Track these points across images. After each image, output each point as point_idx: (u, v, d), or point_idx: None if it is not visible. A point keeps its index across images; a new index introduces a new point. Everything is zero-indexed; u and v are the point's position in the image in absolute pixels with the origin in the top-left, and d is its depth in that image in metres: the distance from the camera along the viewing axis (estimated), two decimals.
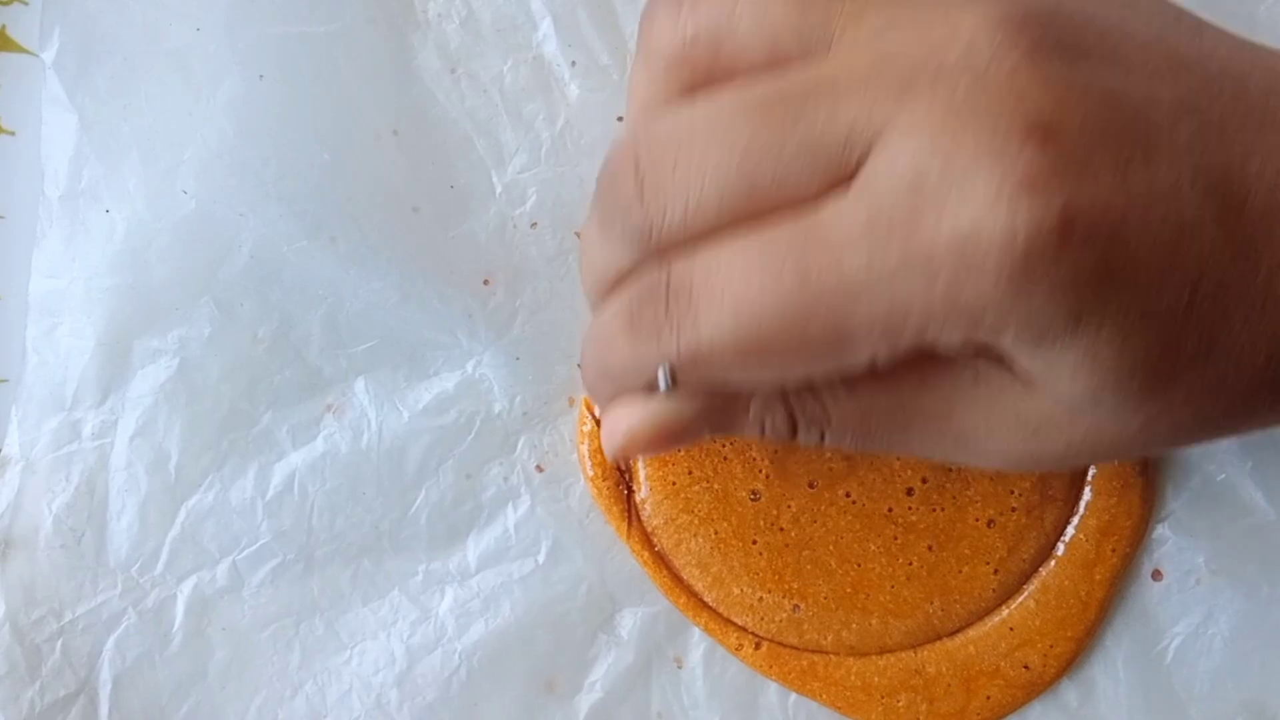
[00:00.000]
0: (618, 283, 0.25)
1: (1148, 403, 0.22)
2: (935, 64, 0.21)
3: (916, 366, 0.24)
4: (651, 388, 0.24)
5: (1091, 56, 0.21)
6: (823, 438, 0.25)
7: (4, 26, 0.34)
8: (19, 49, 0.34)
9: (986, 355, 0.23)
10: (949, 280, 0.20)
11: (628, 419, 0.25)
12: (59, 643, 0.33)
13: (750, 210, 0.22)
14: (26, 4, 0.34)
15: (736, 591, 0.33)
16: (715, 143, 0.22)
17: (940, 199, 0.20)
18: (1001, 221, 0.19)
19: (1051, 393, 0.22)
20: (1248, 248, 0.21)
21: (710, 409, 0.25)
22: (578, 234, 0.34)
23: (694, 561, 0.33)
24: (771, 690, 0.33)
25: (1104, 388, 0.21)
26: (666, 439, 0.25)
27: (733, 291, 0.22)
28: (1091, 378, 0.21)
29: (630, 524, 0.33)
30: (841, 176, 0.21)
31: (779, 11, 0.23)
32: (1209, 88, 0.22)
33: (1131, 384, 0.21)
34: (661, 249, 0.23)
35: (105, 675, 0.33)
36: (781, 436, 0.26)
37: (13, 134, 0.34)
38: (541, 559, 0.33)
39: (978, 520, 0.33)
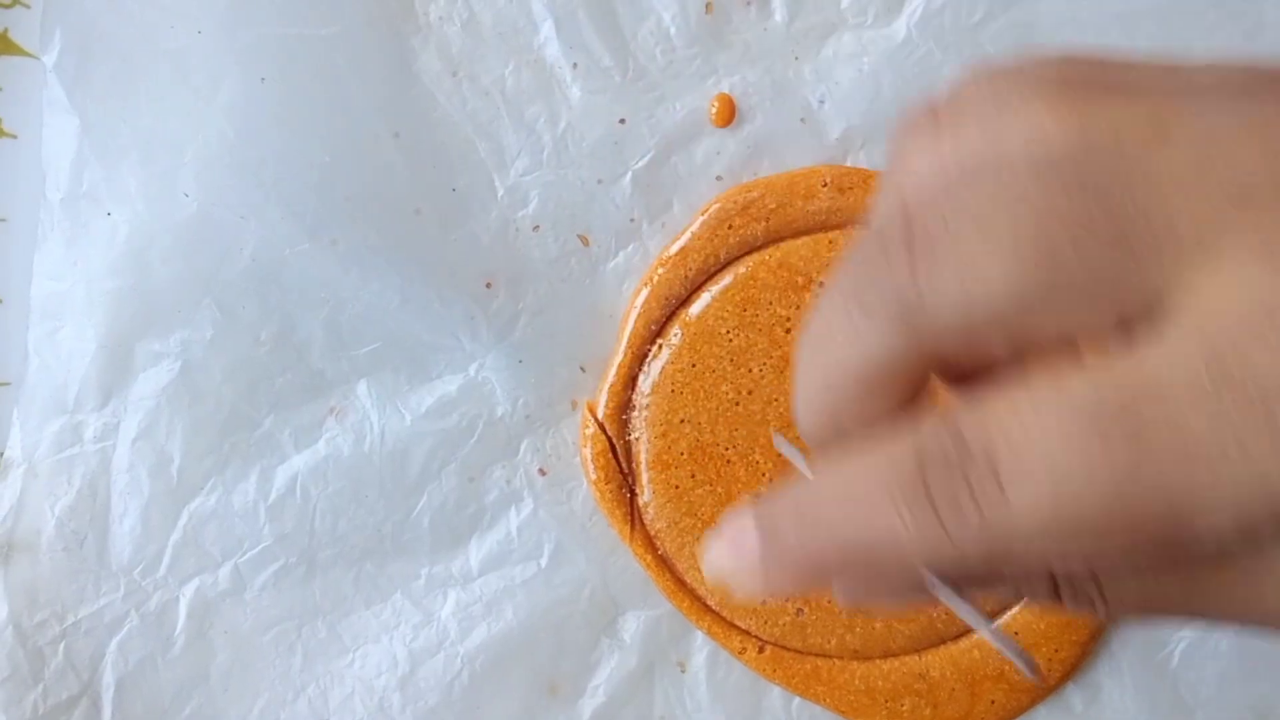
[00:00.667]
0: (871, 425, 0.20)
1: None
2: (1276, 171, 0.17)
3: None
4: (913, 569, 0.20)
5: None
6: (1094, 608, 0.21)
7: (5, 30, 0.34)
8: (20, 52, 0.34)
9: None
10: None
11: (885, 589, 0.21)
12: (62, 645, 0.33)
13: (1036, 324, 0.18)
14: (28, 7, 0.34)
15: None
16: (1004, 209, 0.18)
17: None
18: None
19: None
20: None
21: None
22: (580, 237, 0.33)
23: (697, 565, 0.33)
24: (775, 694, 0.33)
25: None
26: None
27: (1049, 461, 0.17)
28: None
29: (633, 527, 0.33)
30: (1148, 302, 0.17)
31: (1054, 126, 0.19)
32: None
33: None
34: (923, 335, 0.19)
35: (108, 678, 0.33)
36: (1044, 604, 0.21)
37: (14, 137, 0.34)
38: (544, 562, 0.33)
39: None
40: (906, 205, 0.19)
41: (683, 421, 0.33)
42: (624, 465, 0.33)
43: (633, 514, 0.33)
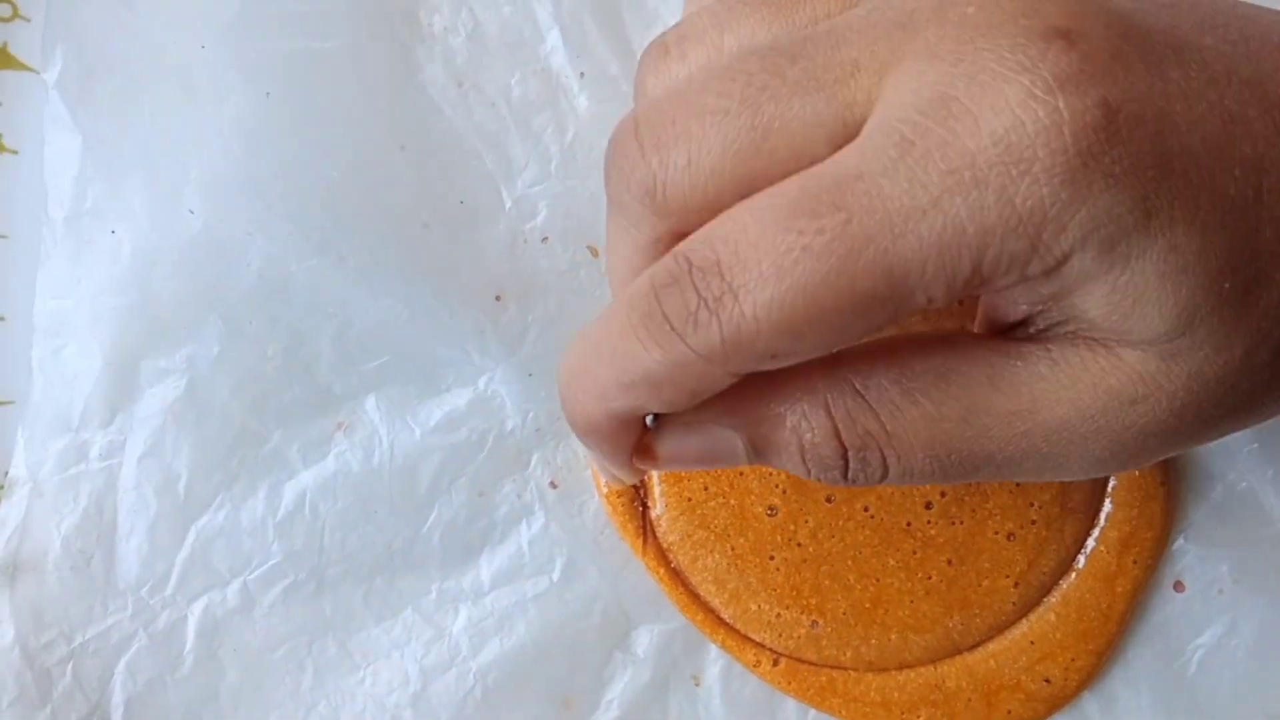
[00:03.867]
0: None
1: (1246, 314, 0.20)
2: (935, 1, 0.20)
3: (982, 360, 0.22)
4: (684, 400, 0.22)
5: None
6: (886, 467, 0.23)
7: (5, 44, 0.34)
8: (21, 66, 0.34)
9: (1056, 338, 0.21)
10: (1000, 186, 0.19)
11: (673, 442, 0.24)
12: (69, 666, 0.32)
13: (760, 168, 0.21)
14: (28, 21, 0.34)
15: (754, 608, 0.32)
16: (712, 90, 0.21)
17: (972, 112, 0.19)
18: (1041, 119, 0.19)
19: (1140, 333, 0.20)
20: None
21: (745, 422, 0.23)
22: (590, 248, 0.33)
23: (711, 578, 0.32)
24: (790, 707, 0.33)
25: (1196, 299, 0.20)
26: (703, 460, 0.24)
27: (770, 255, 0.19)
28: (1180, 288, 0.19)
29: (646, 541, 0.33)
30: (853, 124, 0.20)
31: (763, 30, 0.22)
32: (1223, 14, 0.22)
33: (1223, 289, 0.20)
34: (673, 212, 0.21)
35: (117, 698, 0.32)
36: (827, 463, 0.23)
37: (15, 152, 0.34)
38: (556, 576, 0.33)
39: (997, 533, 0.32)
40: (636, 116, 0.22)
41: None
42: (637, 479, 0.33)
43: (645, 527, 0.33)
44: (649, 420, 0.24)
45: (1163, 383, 0.21)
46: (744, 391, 0.23)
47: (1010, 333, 0.22)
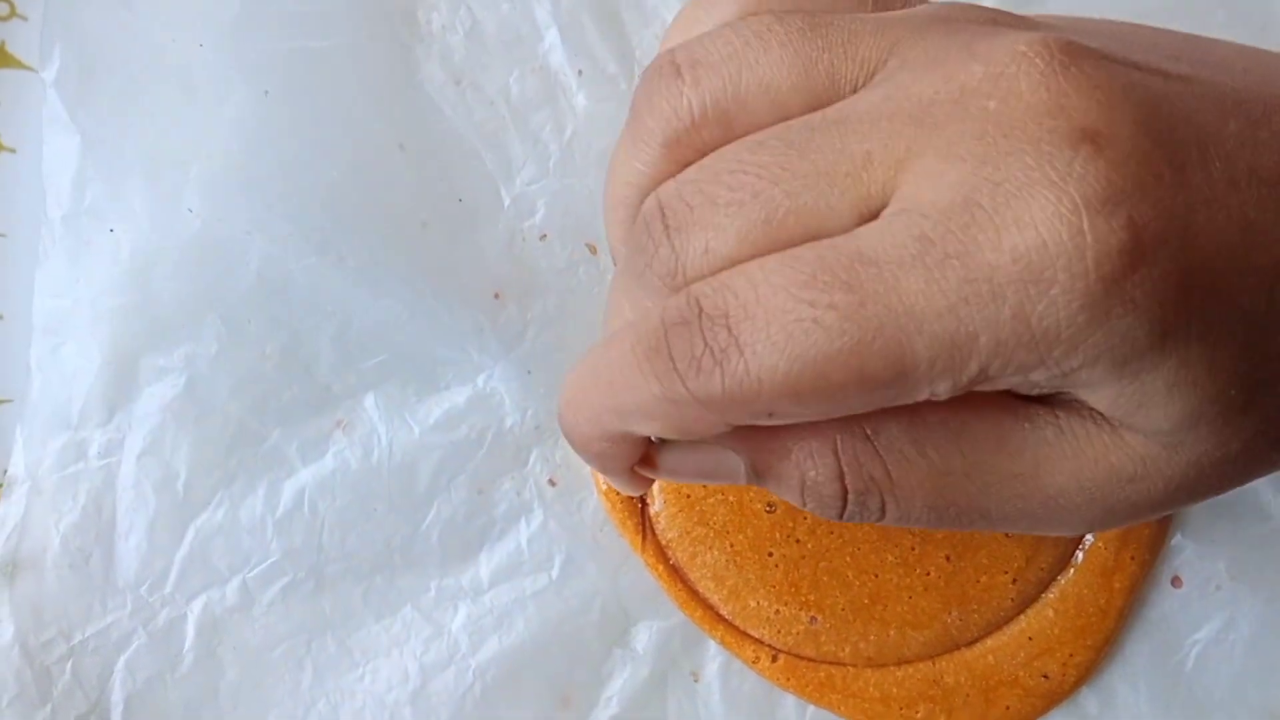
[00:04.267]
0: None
1: (1248, 416, 0.20)
2: (955, 89, 0.20)
3: (992, 419, 0.22)
4: (676, 435, 0.22)
5: (1123, 62, 0.20)
6: (884, 511, 0.23)
7: (3, 42, 0.34)
8: (18, 64, 0.34)
9: (1064, 405, 0.22)
10: (1017, 303, 0.19)
11: (677, 456, 0.24)
12: (69, 664, 0.32)
13: (775, 248, 0.20)
14: (25, 19, 0.34)
15: (753, 604, 0.32)
16: (723, 183, 0.21)
17: (995, 223, 0.19)
18: (1065, 242, 0.18)
19: (1145, 427, 0.21)
20: None
21: (750, 448, 0.23)
22: (588, 245, 0.33)
23: (710, 574, 0.33)
24: (789, 703, 0.33)
25: (1202, 408, 0.20)
26: (703, 476, 0.24)
27: (779, 321, 0.19)
28: (1188, 399, 0.20)
29: (645, 537, 0.33)
30: (867, 215, 0.20)
31: (783, 74, 0.22)
32: (1246, 86, 0.21)
33: (1229, 397, 0.20)
34: (688, 285, 0.21)
35: (117, 696, 0.32)
36: (826, 501, 0.23)
37: (13, 151, 0.34)
38: (555, 574, 0.33)
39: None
40: (660, 199, 0.22)
41: None
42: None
43: (644, 524, 0.33)
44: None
45: (1162, 468, 0.21)
46: None
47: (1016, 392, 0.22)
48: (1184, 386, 0.20)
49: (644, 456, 0.25)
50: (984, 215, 0.19)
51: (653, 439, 0.25)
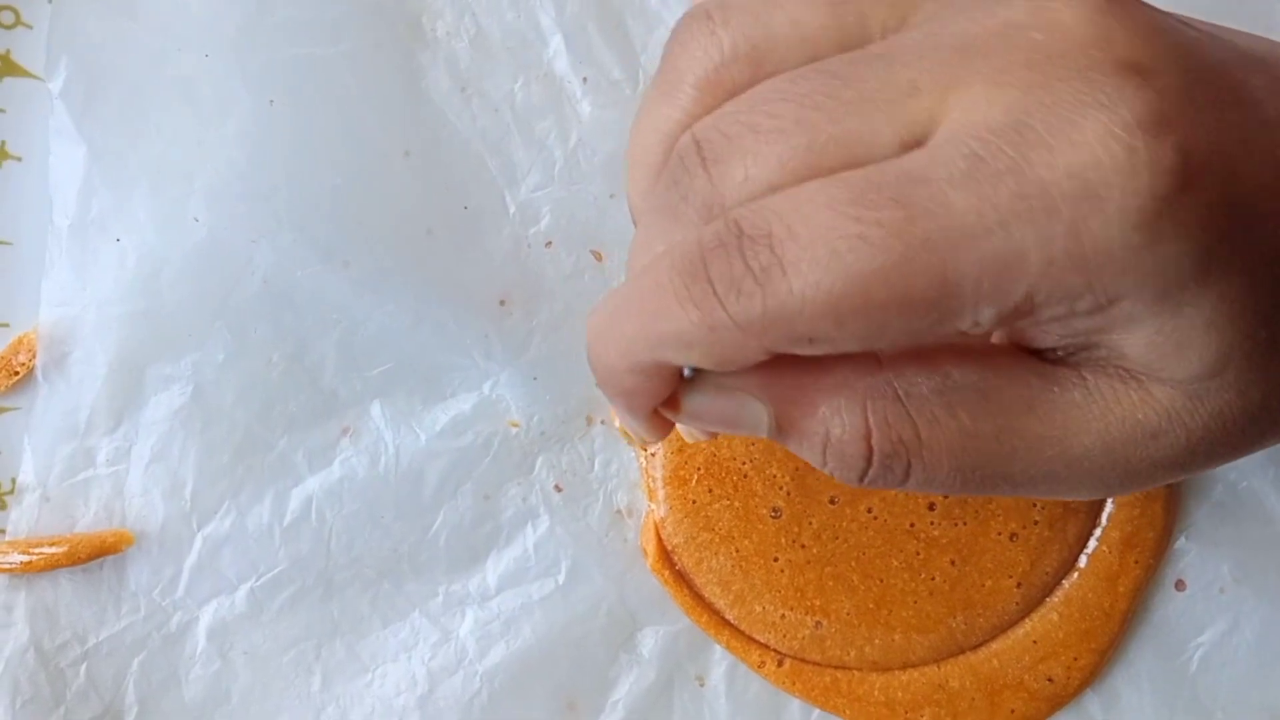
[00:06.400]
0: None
1: (1273, 360, 0.21)
2: (999, 23, 0.20)
3: (1022, 381, 0.22)
4: (709, 365, 0.21)
5: (1160, 14, 0.21)
6: (908, 474, 0.22)
7: (8, 51, 0.34)
8: (24, 73, 0.34)
9: (1091, 365, 0.22)
10: (1070, 220, 0.18)
11: (702, 399, 0.23)
12: (83, 667, 0.33)
13: (815, 170, 0.20)
14: (30, 27, 0.34)
15: (758, 609, 0.33)
16: (761, 111, 0.21)
17: (1048, 141, 0.19)
18: (1120, 159, 0.18)
19: (1174, 373, 0.21)
20: None
21: (778, 399, 0.22)
22: (593, 252, 0.33)
23: (715, 580, 0.33)
24: (794, 707, 0.33)
25: (1234, 348, 0.20)
26: (725, 424, 0.23)
27: (824, 237, 0.19)
28: (1224, 336, 0.20)
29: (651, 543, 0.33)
30: (912, 143, 0.20)
31: (814, 16, 0.22)
32: (1262, 49, 0.22)
33: (1259, 337, 0.20)
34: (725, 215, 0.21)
35: (130, 699, 0.33)
36: (849, 462, 0.22)
37: (20, 160, 0.34)
38: (561, 579, 0.33)
39: (1000, 534, 0.32)
40: (695, 134, 0.21)
41: None
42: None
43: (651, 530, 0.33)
44: (686, 373, 0.24)
45: (1185, 420, 0.21)
46: (783, 370, 0.22)
47: (1041, 353, 0.22)
48: (1221, 323, 0.20)
49: (670, 398, 0.24)
50: (1036, 135, 0.19)
51: (683, 373, 0.23)
